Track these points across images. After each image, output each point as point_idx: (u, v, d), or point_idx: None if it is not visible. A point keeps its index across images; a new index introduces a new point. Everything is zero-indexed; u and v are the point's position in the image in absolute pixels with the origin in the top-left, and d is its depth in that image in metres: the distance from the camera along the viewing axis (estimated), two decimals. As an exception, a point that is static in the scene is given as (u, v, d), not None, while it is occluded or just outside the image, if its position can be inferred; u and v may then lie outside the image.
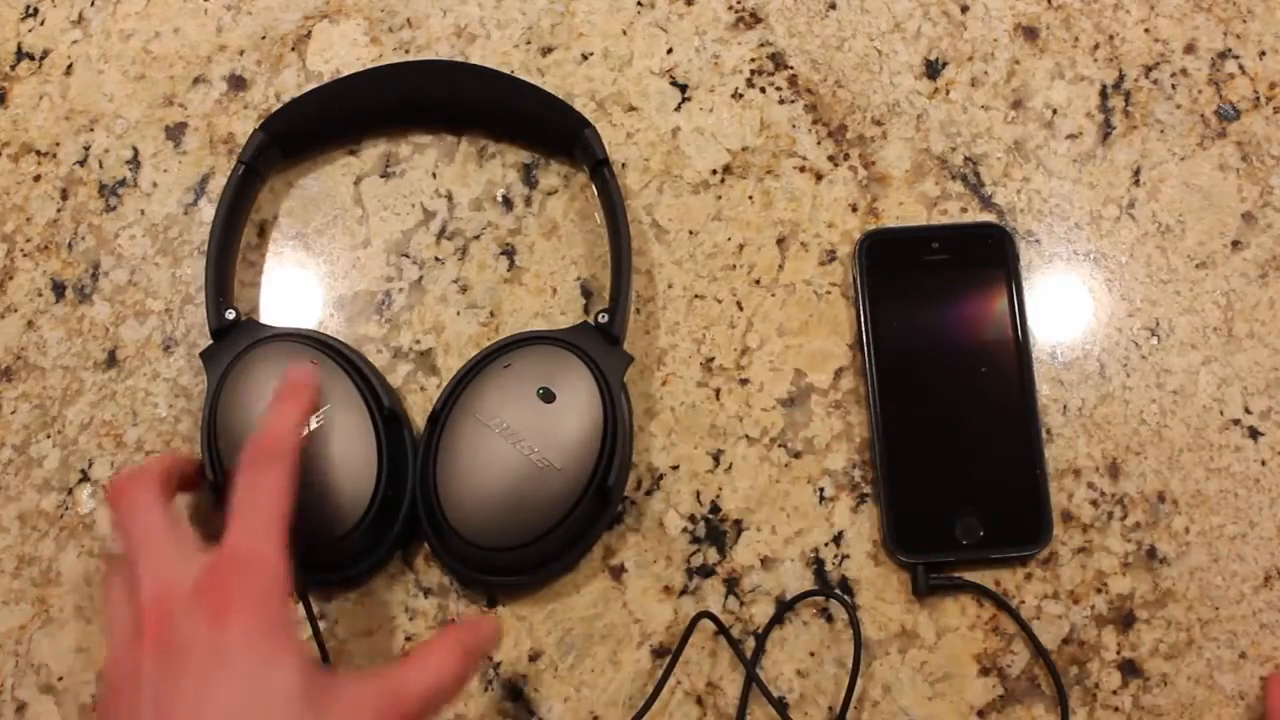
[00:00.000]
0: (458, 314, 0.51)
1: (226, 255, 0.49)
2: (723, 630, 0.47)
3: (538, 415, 0.44)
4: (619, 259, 0.48)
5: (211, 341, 0.48)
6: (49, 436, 0.51)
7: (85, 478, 0.50)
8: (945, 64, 0.54)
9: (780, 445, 0.49)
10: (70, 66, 0.56)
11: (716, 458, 0.49)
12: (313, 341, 0.47)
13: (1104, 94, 0.54)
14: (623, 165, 0.53)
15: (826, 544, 0.48)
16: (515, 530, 0.44)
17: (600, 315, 0.47)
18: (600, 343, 0.47)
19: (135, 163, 0.54)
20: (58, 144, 0.55)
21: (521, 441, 0.44)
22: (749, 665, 0.46)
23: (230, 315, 0.47)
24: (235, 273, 0.50)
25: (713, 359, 0.51)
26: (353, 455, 0.44)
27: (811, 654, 0.47)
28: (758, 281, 0.52)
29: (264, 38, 0.56)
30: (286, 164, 0.53)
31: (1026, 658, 0.47)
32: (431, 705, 0.38)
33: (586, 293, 0.51)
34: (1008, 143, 0.53)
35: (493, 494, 0.44)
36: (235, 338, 0.47)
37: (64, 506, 0.50)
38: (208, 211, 0.53)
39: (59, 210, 0.54)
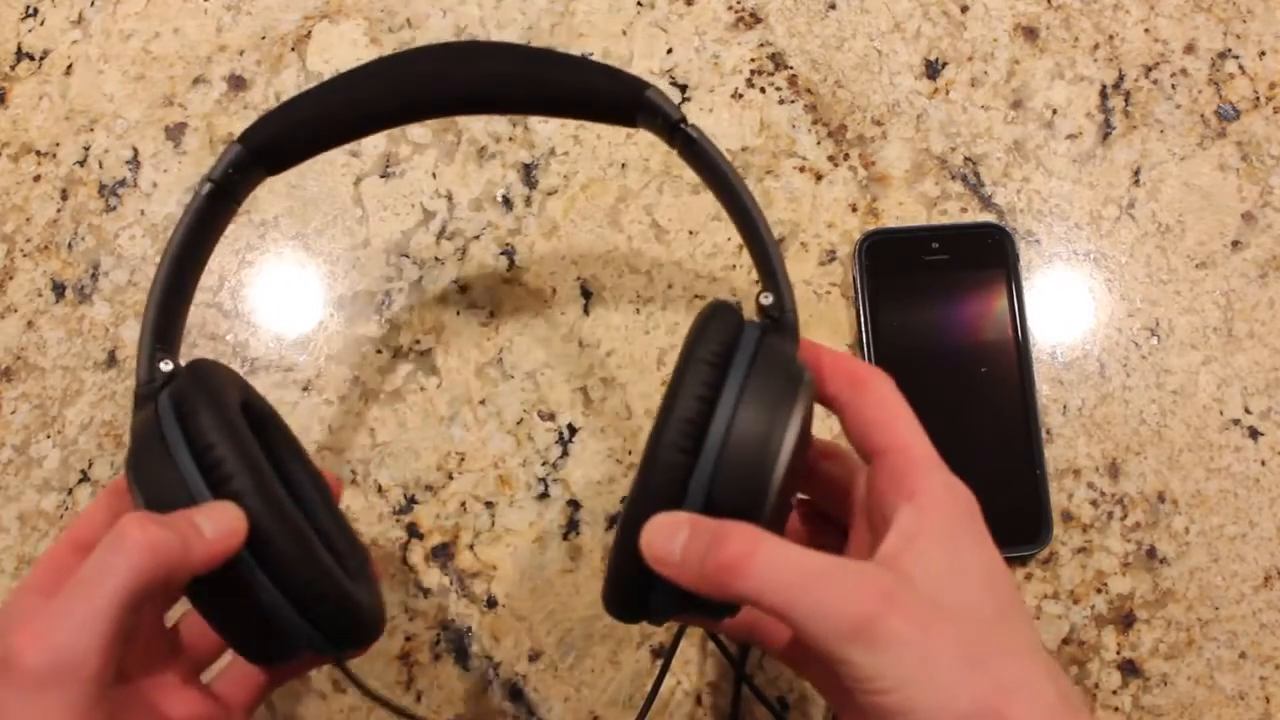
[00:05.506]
0: (458, 314, 0.51)
1: (179, 292, 0.37)
2: (713, 636, 0.46)
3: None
4: (747, 223, 0.39)
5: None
6: (49, 436, 0.51)
7: (85, 478, 0.50)
8: (945, 64, 0.54)
9: (780, 445, 0.49)
10: (70, 66, 0.56)
11: (716, 458, 0.49)
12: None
13: (1104, 94, 0.54)
14: (623, 166, 0.53)
15: (826, 544, 0.48)
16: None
17: (763, 296, 0.39)
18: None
19: (135, 163, 0.54)
20: (58, 144, 0.55)
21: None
22: (739, 667, 0.46)
23: (167, 367, 0.35)
24: (185, 317, 0.38)
25: (713, 359, 0.51)
26: None
27: (811, 654, 0.47)
28: (758, 282, 0.51)
29: (264, 38, 0.56)
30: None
31: (1026, 658, 0.47)
32: None
33: (586, 293, 0.51)
34: (1008, 143, 0.53)
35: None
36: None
37: (64, 506, 0.50)
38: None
39: (59, 210, 0.54)
